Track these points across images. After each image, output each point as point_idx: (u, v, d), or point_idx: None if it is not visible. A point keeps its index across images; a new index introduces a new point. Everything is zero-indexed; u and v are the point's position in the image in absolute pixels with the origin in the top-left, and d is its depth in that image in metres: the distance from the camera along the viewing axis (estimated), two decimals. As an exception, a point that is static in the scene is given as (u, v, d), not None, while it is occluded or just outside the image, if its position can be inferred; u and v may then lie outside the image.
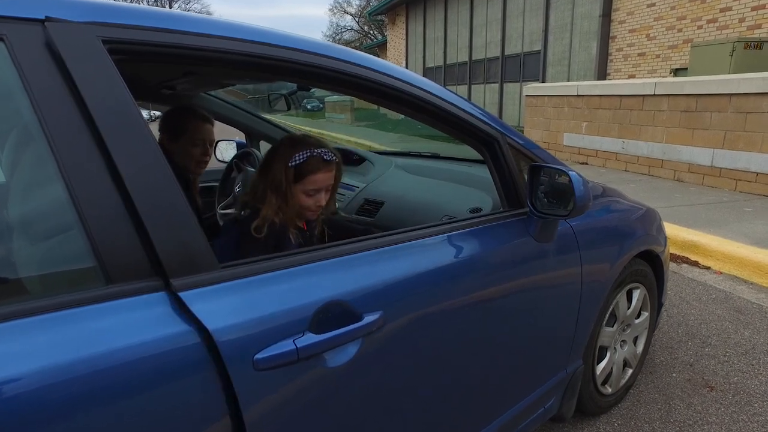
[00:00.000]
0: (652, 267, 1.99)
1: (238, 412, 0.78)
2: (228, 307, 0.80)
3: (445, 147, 7.71)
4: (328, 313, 0.90)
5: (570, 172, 1.27)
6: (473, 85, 17.43)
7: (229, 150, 2.68)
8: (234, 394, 0.77)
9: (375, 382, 1.00)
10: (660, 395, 2.01)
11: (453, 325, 1.14)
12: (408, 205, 1.99)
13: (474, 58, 17.21)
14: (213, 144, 2.00)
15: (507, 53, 15.26)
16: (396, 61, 21.62)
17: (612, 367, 1.88)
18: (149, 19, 0.83)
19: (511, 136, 1.40)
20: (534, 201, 1.34)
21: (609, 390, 1.90)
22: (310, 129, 13.95)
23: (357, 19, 45.20)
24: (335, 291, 0.93)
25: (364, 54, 1.14)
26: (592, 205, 1.47)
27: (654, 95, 6.21)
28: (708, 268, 3.49)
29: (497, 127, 1.36)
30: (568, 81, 11.92)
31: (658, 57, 10.07)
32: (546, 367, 1.52)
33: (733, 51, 6.35)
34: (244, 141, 2.79)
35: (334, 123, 18.60)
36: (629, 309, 1.91)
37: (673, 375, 2.16)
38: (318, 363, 0.88)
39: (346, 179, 2.32)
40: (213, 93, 2.45)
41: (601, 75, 11.36)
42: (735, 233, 3.77)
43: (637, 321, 1.99)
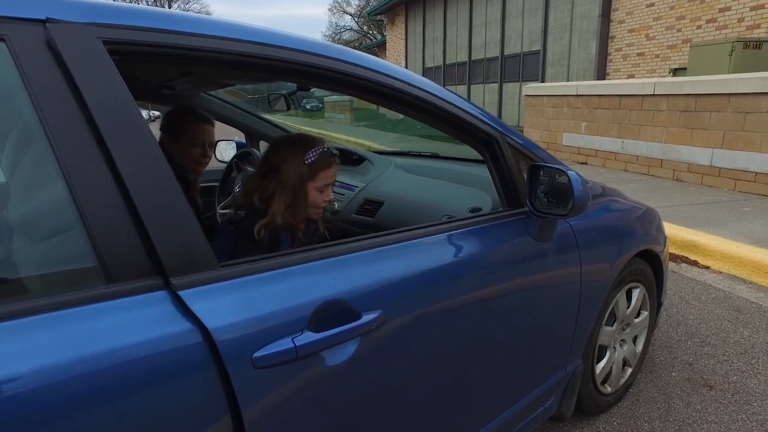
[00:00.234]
0: (651, 266, 1.99)
1: (237, 410, 0.78)
2: (227, 306, 0.80)
3: (445, 147, 7.71)
4: (327, 312, 0.90)
5: (569, 171, 1.27)
6: (472, 85, 17.44)
7: (229, 150, 2.68)
8: (233, 392, 0.77)
9: (374, 380, 1.00)
10: (659, 394, 2.02)
11: (452, 325, 1.15)
12: (408, 205, 2.00)
13: (473, 58, 17.22)
14: (213, 145, 2.00)
15: (506, 53, 15.27)
16: (395, 61, 21.63)
17: (611, 367, 1.89)
18: (149, 20, 0.83)
19: (511, 135, 1.41)
20: (533, 200, 1.34)
21: (608, 389, 1.90)
22: (309, 129, 13.95)
23: (356, 19, 45.22)
24: (334, 290, 0.93)
25: (362, 53, 1.14)
26: (591, 205, 1.47)
27: (653, 95, 6.21)
28: (707, 267, 3.50)
29: (497, 127, 1.36)
30: (567, 81, 11.92)
31: (657, 57, 10.08)
32: (545, 367, 1.52)
33: (732, 51, 6.36)
34: (243, 141, 2.80)
35: (333, 123, 18.60)
36: (629, 308, 1.91)
37: (673, 374, 2.16)
38: (316, 361, 0.88)
39: (345, 179, 2.32)
40: (213, 93, 2.45)
41: (601, 75, 11.37)
42: (734, 233, 3.77)
43: (637, 320, 2.00)
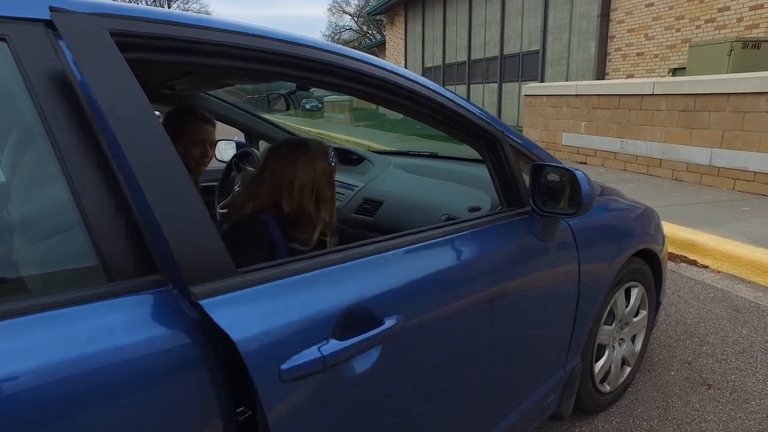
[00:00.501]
0: (650, 266, 2.00)
1: (263, 423, 0.76)
2: (251, 316, 0.77)
3: (444, 147, 7.72)
4: (351, 319, 0.88)
5: (576, 171, 1.28)
6: (472, 85, 17.44)
7: (229, 150, 2.68)
8: (261, 407, 0.74)
9: (396, 386, 0.99)
10: (658, 393, 2.02)
11: (464, 325, 1.15)
12: (407, 204, 2.00)
13: (473, 57, 17.21)
14: (213, 145, 2.00)
15: (506, 53, 15.27)
16: (395, 61, 21.62)
17: (610, 366, 1.89)
18: (155, 15, 0.83)
19: (510, 135, 1.41)
20: (536, 200, 1.35)
21: (607, 388, 1.90)
22: (309, 129, 13.97)
23: (356, 19, 45.21)
24: (355, 295, 0.91)
25: (363, 53, 1.15)
26: None
27: (652, 95, 6.22)
28: (706, 267, 3.51)
29: (498, 127, 1.37)
30: (566, 81, 11.92)
31: (656, 57, 10.09)
32: (546, 366, 1.53)
33: (731, 51, 6.36)
34: (243, 141, 2.80)
35: (332, 123, 18.59)
36: (627, 307, 1.91)
37: (671, 373, 2.17)
38: (343, 371, 0.86)
39: (345, 178, 2.33)
40: (212, 93, 2.46)
41: (600, 75, 11.37)
42: (733, 232, 3.78)
43: (636, 319, 2.00)
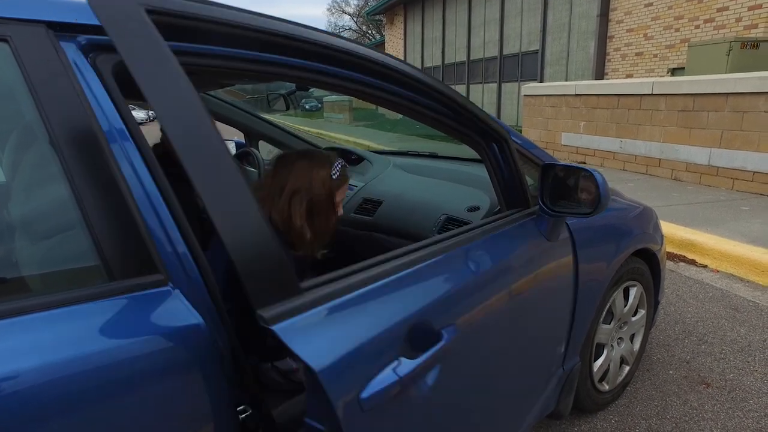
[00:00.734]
0: (648, 265, 2.01)
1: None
2: (324, 341, 0.69)
3: (443, 146, 7.72)
4: (415, 334, 0.83)
5: (594, 171, 1.30)
6: (471, 85, 17.45)
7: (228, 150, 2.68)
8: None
9: (450, 397, 0.97)
10: (656, 392, 2.03)
11: (495, 328, 1.14)
12: (406, 204, 2.01)
13: (472, 57, 17.23)
14: None
15: (505, 53, 15.28)
16: (394, 61, 21.55)
17: (609, 365, 1.90)
18: None
19: (511, 135, 1.41)
20: (545, 200, 1.35)
21: (606, 387, 1.91)
22: (308, 129, 13.96)
23: (355, 19, 45.18)
24: (414, 308, 0.86)
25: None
26: None
27: (651, 95, 6.23)
28: (705, 266, 3.51)
29: (504, 127, 1.37)
30: (566, 81, 11.93)
31: (655, 56, 10.10)
32: (546, 365, 1.53)
33: (730, 51, 6.37)
34: (242, 141, 2.80)
35: (332, 123, 18.58)
36: (626, 306, 1.92)
37: (670, 372, 2.17)
38: (415, 390, 0.82)
39: (344, 178, 2.33)
40: (212, 93, 2.46)
41: (599, 74, 11.38)
42: (732, 232, 3.79)
43: (634, 318, 2.01)
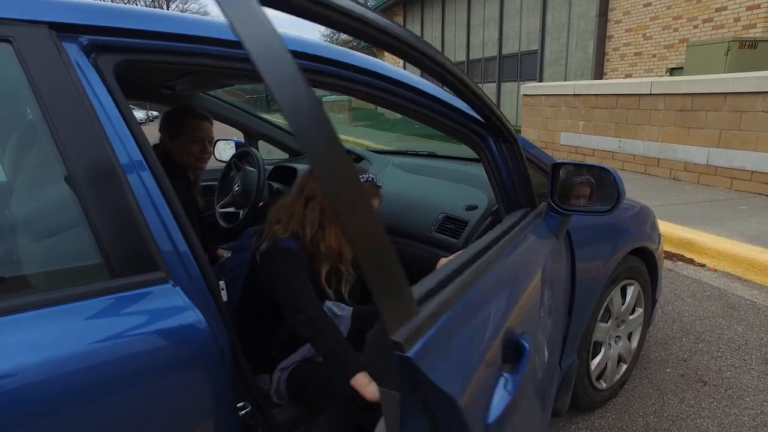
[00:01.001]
0: (646, 264, 2.02)
1: None
2: (450, 364, 0.62)
3: (442, 146, 7.73)
4: (509, 345, 0.79)
5: (611, 169, 1.31)
6: (471, 85, 17.44)
7: (228, 149, 2.69)
8: None
9: (529, 402, 0.93)
10: (654, 390, 2.04)
11: (534, 331, 1.11)
12: (405, 203, 2.02)
13: (471, 57, 17.22)
14: (212, 142, 2.01)
15: (504, 53, 15.28)
16: (393, 61, 21.60)
17: (606, 363, 1.91)
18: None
19: None
20: (555, 199, 1.35)
21: (603, 385, 1.92)
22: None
23: (354, 19, 45.17)
24: (498, 317, 0.81)
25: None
26: None
27: (650, 94, 6.24)
28: (703, 265, 3.53)
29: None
30: (565, 80, 11.94)
31: (654, 56, 10.11)
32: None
33: (729, 50, 6.38)
34: (242, 140, 2.81)
35: (331, 123, 18.56)
36: (623, 305, 1.93)
37: (667, 370, 2.19)
38: (520, 404, 0.78)
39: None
40: (212, 93, 2.47)
41: (598, 74, 11.39)
42: (730, 231, 3.80)
43: (632, 317, 2.02)
